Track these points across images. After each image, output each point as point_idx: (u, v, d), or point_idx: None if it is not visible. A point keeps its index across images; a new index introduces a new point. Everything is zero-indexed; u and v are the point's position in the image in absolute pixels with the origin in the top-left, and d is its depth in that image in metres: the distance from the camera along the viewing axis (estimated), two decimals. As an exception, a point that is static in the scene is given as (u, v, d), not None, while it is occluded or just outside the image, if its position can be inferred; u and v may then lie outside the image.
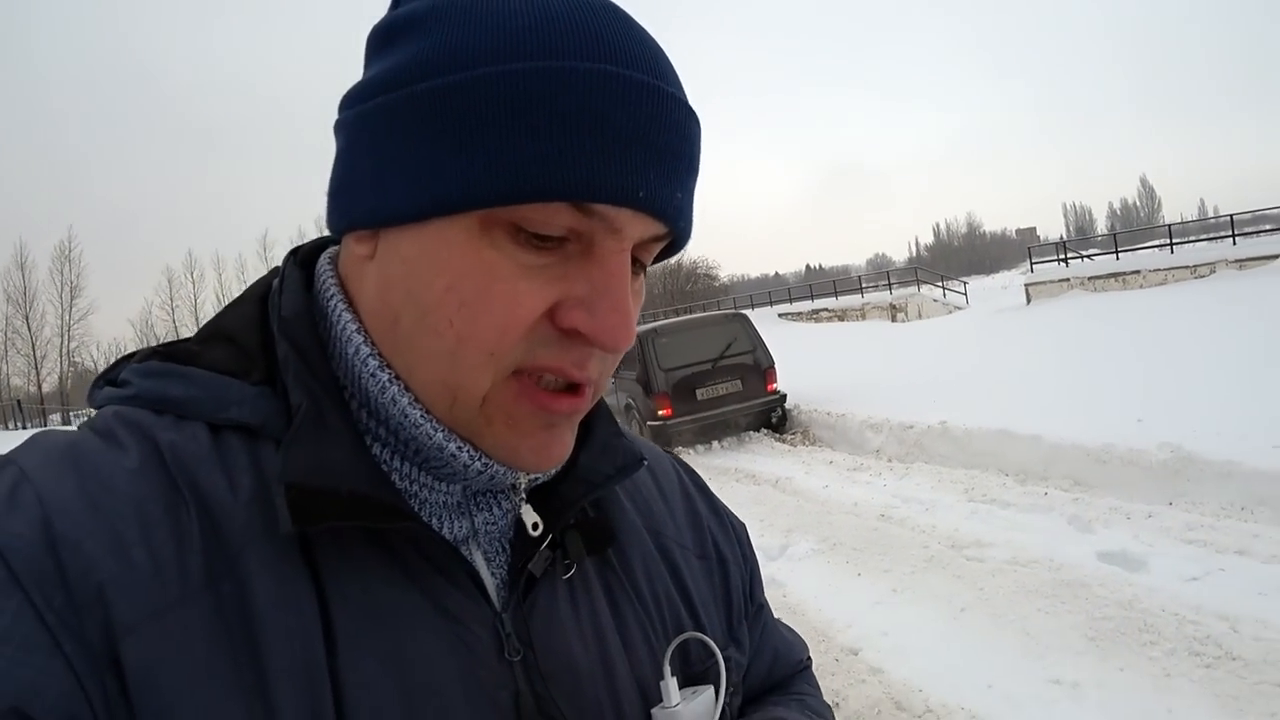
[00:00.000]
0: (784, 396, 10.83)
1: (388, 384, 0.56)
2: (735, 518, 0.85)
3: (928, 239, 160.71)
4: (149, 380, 0.57)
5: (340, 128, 0.56)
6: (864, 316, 24.83)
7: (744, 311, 13.64)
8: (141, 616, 0.46)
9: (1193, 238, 22.84)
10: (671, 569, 0.73)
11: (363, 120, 0.53)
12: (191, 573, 0.49)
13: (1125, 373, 8.89)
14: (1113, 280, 18.28)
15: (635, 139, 0.50)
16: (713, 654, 0.69)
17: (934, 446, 8.04)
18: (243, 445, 0.54)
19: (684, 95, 0.55)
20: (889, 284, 28.41)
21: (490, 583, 0.59)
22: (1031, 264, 22.72)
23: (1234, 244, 19.32)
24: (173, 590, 0.48)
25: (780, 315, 28.88)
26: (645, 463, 0.70)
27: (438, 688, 0.53)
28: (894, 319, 23.63)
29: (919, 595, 4.59)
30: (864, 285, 30.31)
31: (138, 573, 0.47)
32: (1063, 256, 22.93)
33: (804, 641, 0.89)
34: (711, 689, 0.66)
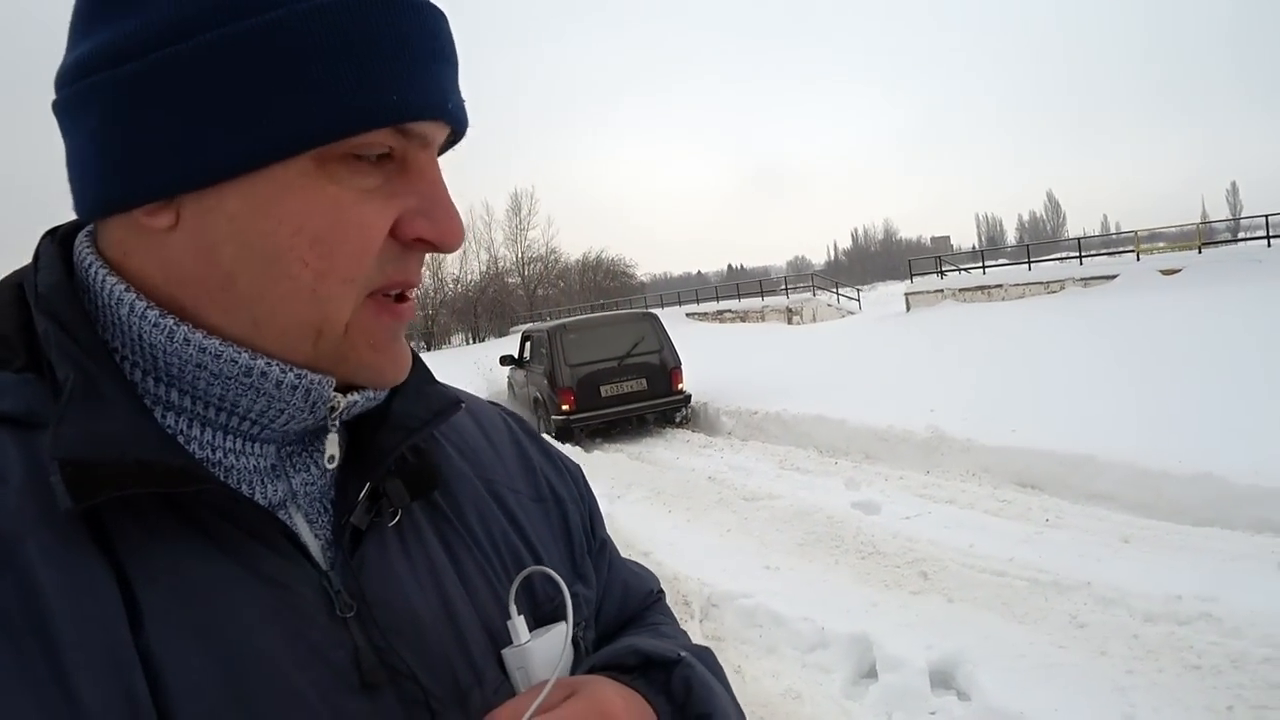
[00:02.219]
0: (688, 396, 11.11)
1: (174, 327, 0.53)
2: (569, 460, 0.85)
3: (846, 243, 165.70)
4: None
5: (86, 102, 0.51)
6: (764, 319, 26.64)
7: (654, 311, 14.57)
8: None
9: (1094, 251, 24.74)
10: (506, 513, 0.72)
11: (138, 84, 0.49)
12: None
13: (948, 371, 10.62)
14: (979, 292, 20.09)
15: (431, 56, 0.53)
16: (559, 590, 0.66)
17: (769, 428, 9.69)
18: (10, 438, 0.50)
19: None
20: (786, 289, 30.42)
21: (314, 543, 0.58)
22: (911, 274, 24.81)
23: (1081, 264, 21.43)
24: None
25: (688, 315, 30.61)
26: (462, 405, 0.69)
27: (264, 656, 0.51)
28: (790, 321, 25.46)
29: (703, 524, 6.22)
30: (764, 289, 32.42)
31: None
32: (940, 269, 25.10)
33: (654, 575, 0.89)
34: (562, 624, 0.64)
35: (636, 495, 7.32)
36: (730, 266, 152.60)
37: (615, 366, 10.95)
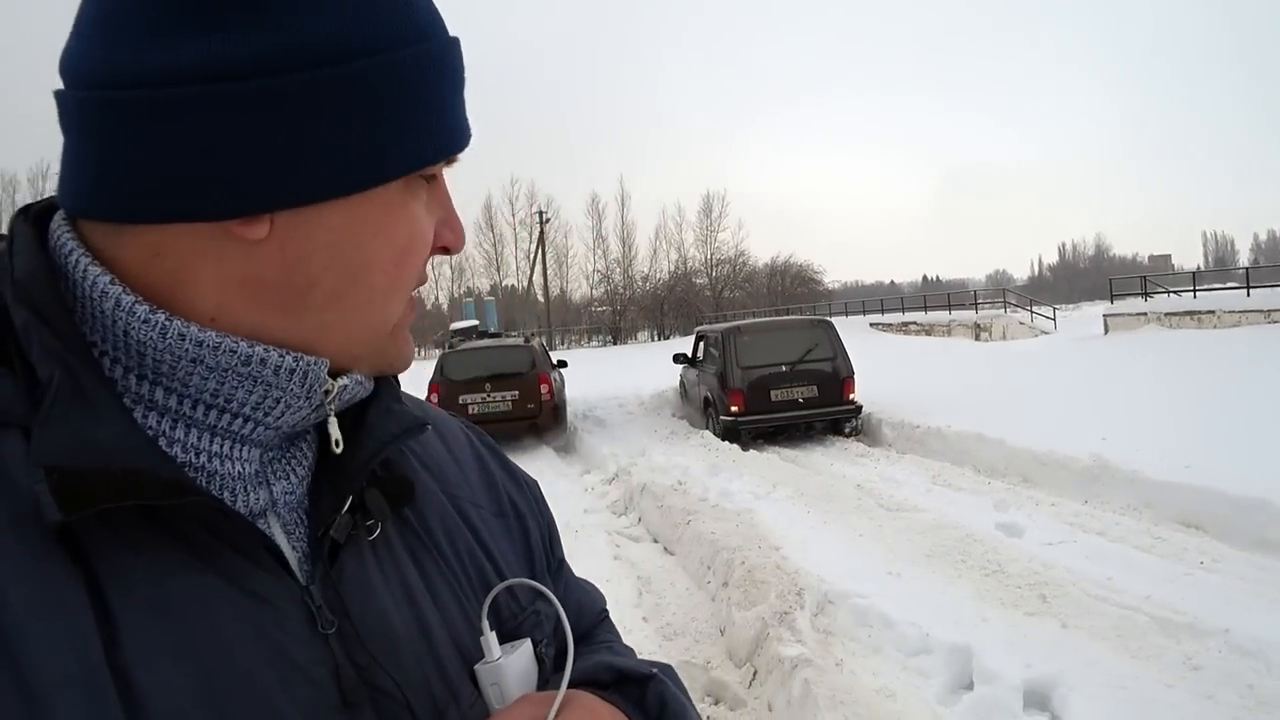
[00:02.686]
0: (859, 408, 10.95)
1: (166, 322, 0.51)
2: (528, 475, 0.86)
3: (1052, 258, 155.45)
4: None
5: (193, 109, 0.49)
6: (950, 333, 25.72)
7: (832, 319, 14.34)
8: None
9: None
10: (471, 528, 0.72)
11: (270, 101, 0.50)
12: None
13: (1131, 400, 10.05)
14: (1188, 318, 18.49)
15: (463, 89, 0.60)
16: (524, 608, 0.70)
17: (929, 443, 9.57)
18: None
19: None
20: (975, 304, 29.18)
21: (291, 556, 0.57)
22: (1112, 295, 23.21)
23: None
24: None
25: (871, 325, 30.01)
26: (429, 426, 0.70)
27: (247, 674, 0.50)
28: (977, 338, 24.48)
29: (838, 527, 6.36)
30: (952, 303, 31.22)
31: None
32: (1145, 291, 23.33)
33: (601, 593, 0.90)
34: (528, 641, 0.65)
35: (780, 495, 7.53)
36: (925, 277, 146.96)
37: (787, 372, 10.98)
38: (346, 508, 0.60)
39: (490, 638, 0.63)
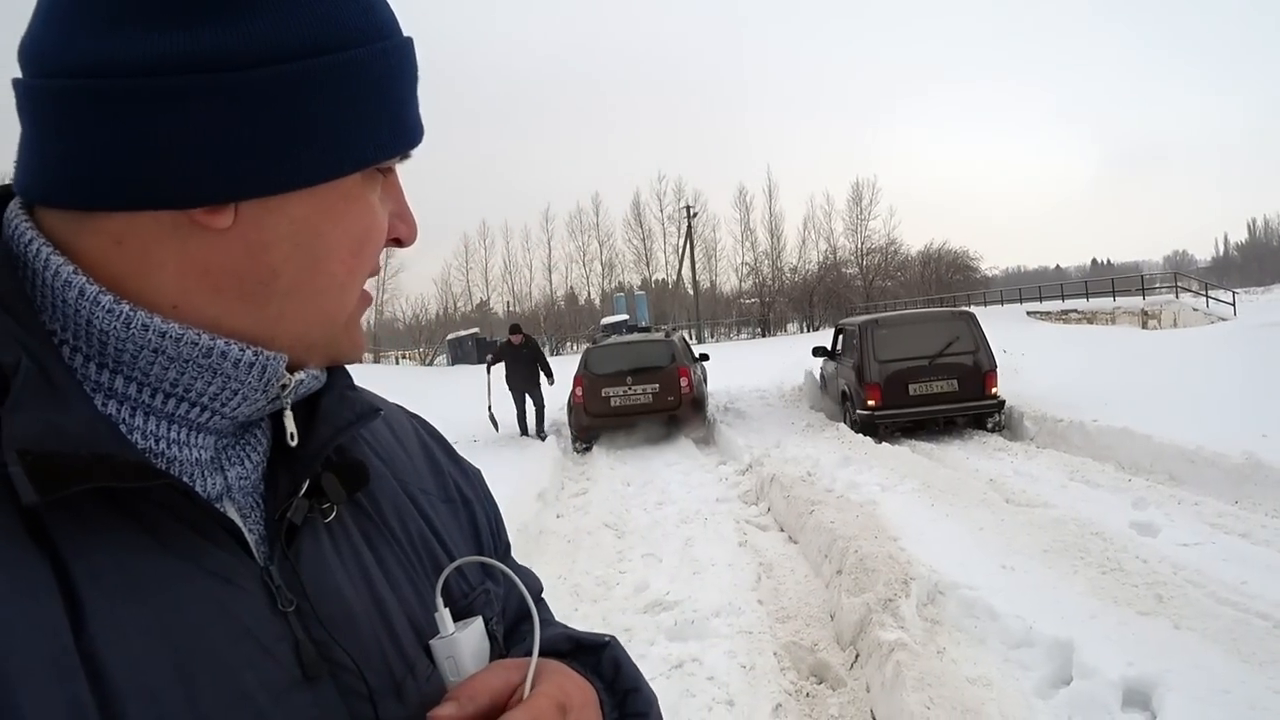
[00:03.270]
0: (1002, 402, 10.66)
1: (130, 313, 0.53)
2: (471, 464, 0.88)
3: (1240, 236, 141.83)
4: None
5: (158, 99, 0.50)
6: (1114, 321, 24.30)
7: (985, 308, 14.01)
8: None
9: None
10: (421, 513, 0.75)
11: (239, 94, 0.52)
12: None
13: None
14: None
15: (416, 87, 0.63)
16: (474, 588, 0.74)
17: (1071, 438, 9.29)
18: None
19: None
20: (1143, 289, 27.34)
21: (249, 538, 0.58)
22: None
23: None
24: None
25: (1028, 313, 28.68)
26: (380, 412, 0.72)
27: (213, 652, 0.51)
28: (1144, 325, 23.01)
29: (959, 520, 6.35)
30: (1116, 289, 29.32)
31: None
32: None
33: (538, 576, 0.91)
34: (479, 619, 0.67)
35: (906, 488, 7.56)
36: (1095, 261, 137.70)
37: (926, 365, 10.80)
38: (303, 491, 0.62)
39: (444, 614, 0.64)
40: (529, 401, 13.41)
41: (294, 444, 0.62)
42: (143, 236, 0.54)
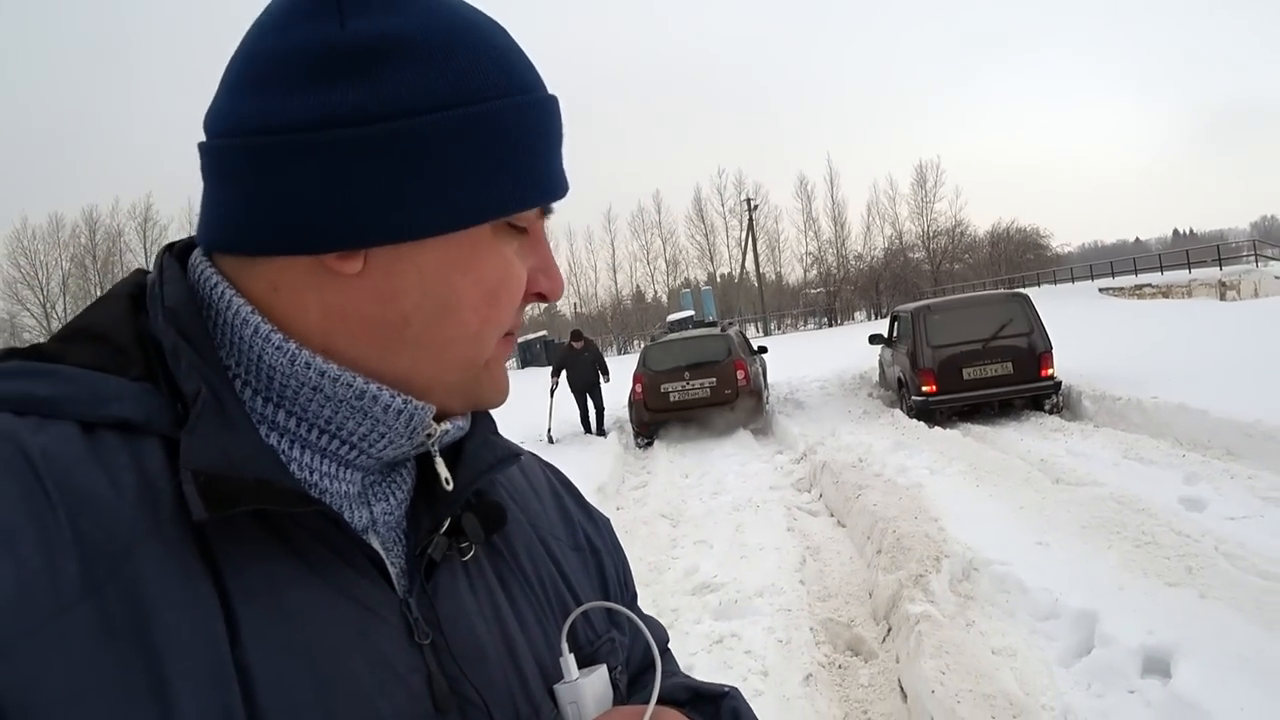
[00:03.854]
0: (1058, 383, 10.59)
1: (296, 351, 0.57)
2: (600, 513, 0.90)
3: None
4: (9, 381, 0.53)
5: (304, 153, 0.55)
6: (1190, 294, 23.49)
7: (1041, 288, 13.76)
8: (10, 638, 0.44)
9: None
10: (552, 558, 0.76)
11: (375, 146, 0.55)
12: (66, 581, 0.46)
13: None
14: None
15: (562, 142, 0.64)
16: (600, 635, 0.74)
17: (1129, 415, 9.22)
18: (121, 443, 0.52)
19: None
20: (1219, 259, 26.42)
21: (391, 570, 0.61)
22: None
23: None
24: (43, 603, 0.45)
25: (1101, 290, 27.94)
26: (520, 456, 0.75)
27: (352, 677, 0.54)
28: (1223, 297, 22.19)
29: (1002, 500, 6.48)
30: (1191, 260, 28.34)
31: (1, 593, 0.44)
32: None
33: (663, 626, 0.91)
34: (603, 666, 0.68)
35: (953, 470, 7.68)
36: (1176, 231, 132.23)
37: (980, 349, 10.78)
38: (444, 530, 0.64)
39: (569, 659, 0.66)
40: (589, 402, 13.92)
41: (449, 488, 0.65)
42: (292, 282, 0.58)
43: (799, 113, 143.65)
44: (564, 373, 13.81)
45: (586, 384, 13.82)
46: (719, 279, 68.35)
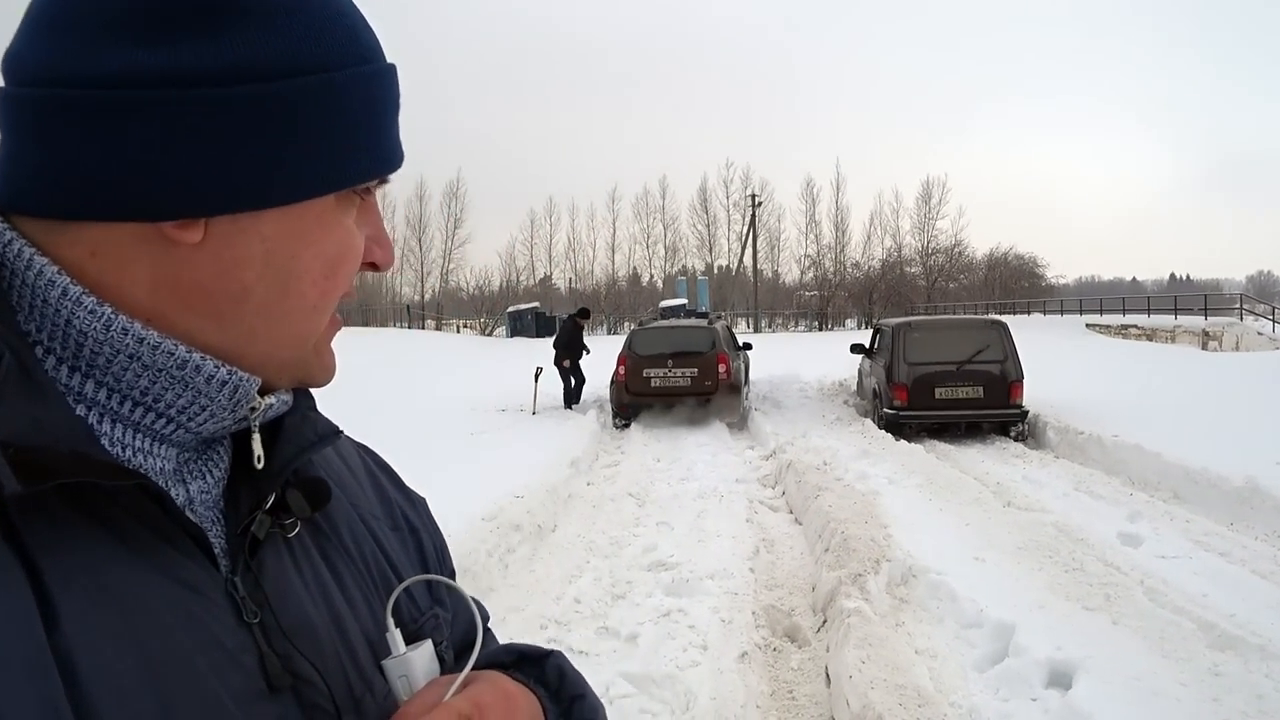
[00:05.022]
0: (1025, 412, 10.97)
1: (112, 315, 0.53)
2: (417, 493, 0.88)
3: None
4: None
5: (135, 112, 0.51)
6: (1173, 339, 23.95)
7: (1013, 319, 14.23)
8: None
9: None
10: (373, 536, 0.75)
11: (217, 109, 0.52)
12: None
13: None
14: None
15: (398, 114, 0.64)
16: (424, 612, 0.74)
17: (1089, 450, 9.59)
18: None
19: None
20: (1206, 309, 26.79)
21: (215, 549, 0.58)
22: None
23: None
24: None
25: (1087, 326, 28.44)
26: (342, 433, 0.73)
27: (182, 659, 0.51)
28: (1204, 346, 22.64)
29: (949, 515, 6.85)
30: (1178, 307, 28.81)
31: None
32: None
33: (484, 604, 0.88)
34: (429, 641, 0.67)
35: (911, 482, 8.04)
36: (1173, 275, 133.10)
37: (954, 370, 11.20)
38: (267, 506, 0.62)
39: (395, 634, 0.65)
40: (572, 379, 14.41)
41: (260, 466, 0.63)
42: (117, 248, 0.54)
43: (813, 113, 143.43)
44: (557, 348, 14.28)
45: (576, 359, 14.38)
46: (716, 271, 68.57)
